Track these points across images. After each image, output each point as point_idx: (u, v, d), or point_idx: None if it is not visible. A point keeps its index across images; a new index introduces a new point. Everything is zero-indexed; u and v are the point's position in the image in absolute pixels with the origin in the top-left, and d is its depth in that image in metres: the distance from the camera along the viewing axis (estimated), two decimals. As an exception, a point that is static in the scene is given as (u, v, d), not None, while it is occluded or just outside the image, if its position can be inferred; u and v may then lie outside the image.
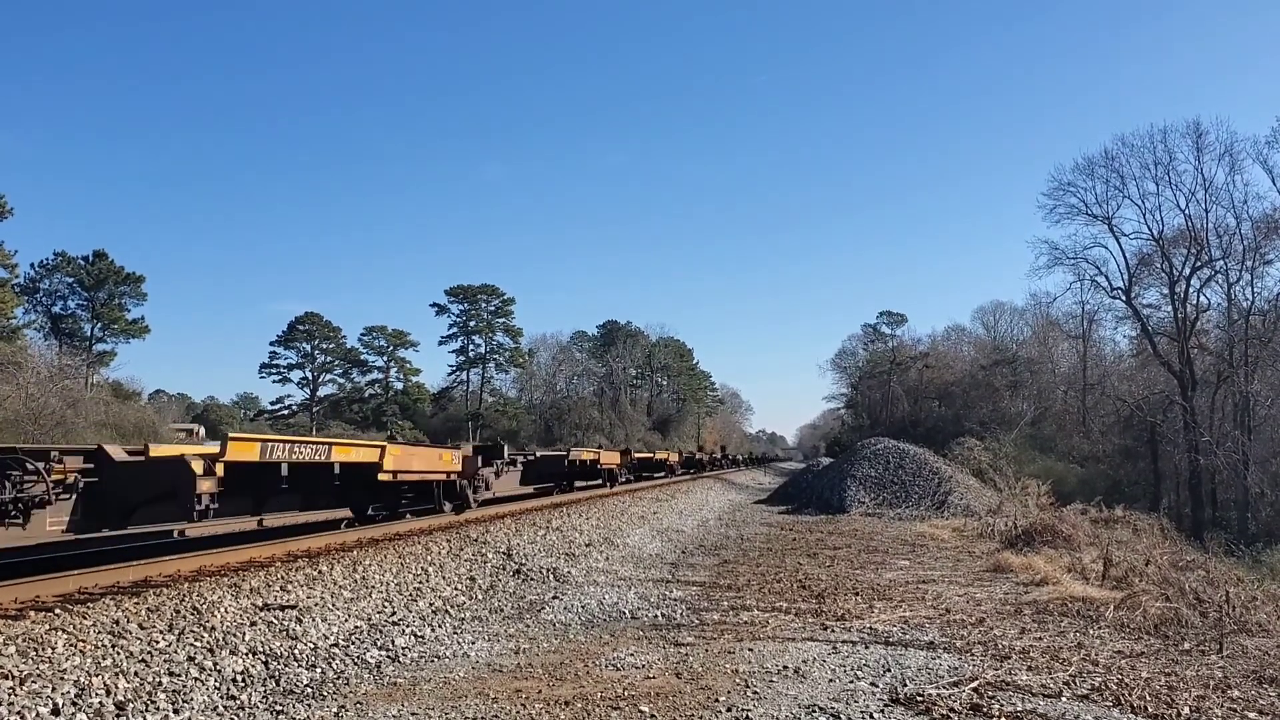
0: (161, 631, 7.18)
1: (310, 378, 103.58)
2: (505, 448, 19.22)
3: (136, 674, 6.36)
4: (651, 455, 41.61)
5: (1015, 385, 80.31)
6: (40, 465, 7.88)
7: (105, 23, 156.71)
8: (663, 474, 40.15)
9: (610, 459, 28.99)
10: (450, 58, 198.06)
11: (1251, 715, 7.09)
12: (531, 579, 12.76)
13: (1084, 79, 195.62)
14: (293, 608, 8.57)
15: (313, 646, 7.91)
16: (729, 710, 6.64)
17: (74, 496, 8.36)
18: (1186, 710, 7.04)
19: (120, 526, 9.10)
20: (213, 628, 7.53)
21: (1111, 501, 37.36)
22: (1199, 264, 60.91)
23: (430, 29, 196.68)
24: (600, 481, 28.00)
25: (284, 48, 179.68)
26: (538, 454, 23.59)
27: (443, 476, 15.51)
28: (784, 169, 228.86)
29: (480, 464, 17.25)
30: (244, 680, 6.86)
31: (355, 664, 7.75)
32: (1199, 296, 62.10)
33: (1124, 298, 65.53)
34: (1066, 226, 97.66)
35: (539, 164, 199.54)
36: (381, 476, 12.84)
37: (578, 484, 26.38)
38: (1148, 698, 7.29)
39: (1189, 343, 59.82)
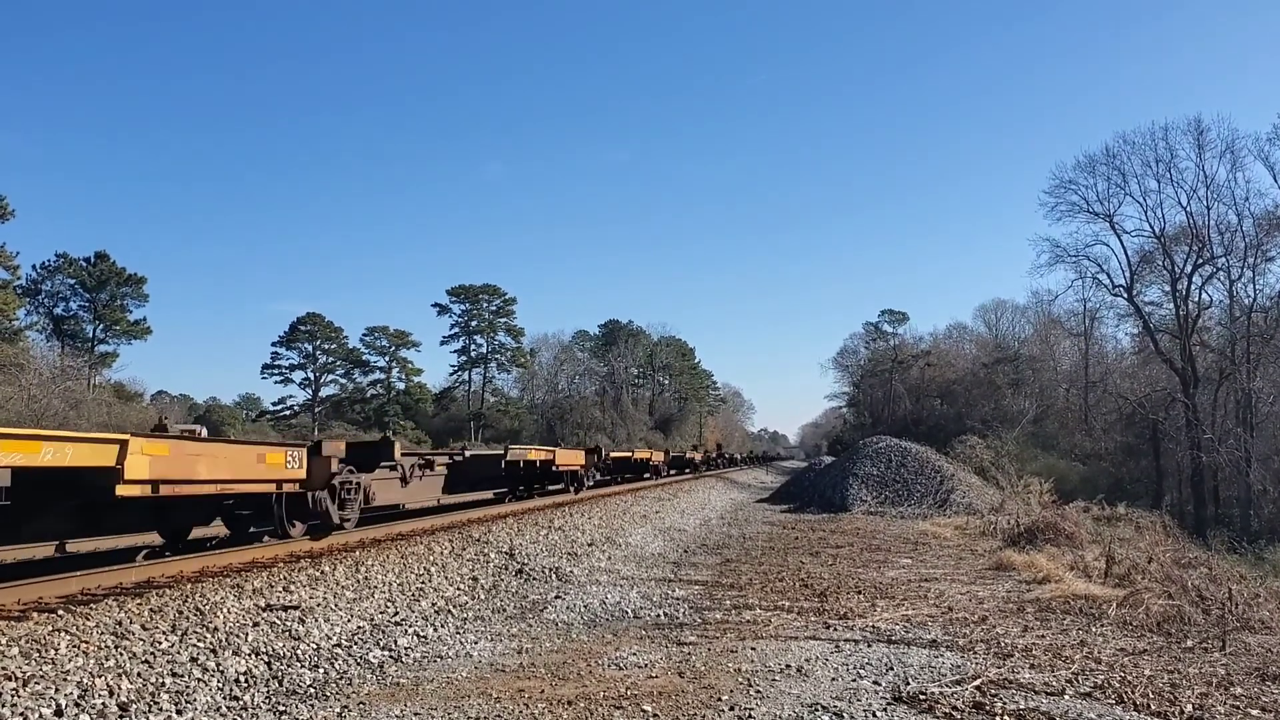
0: (164, 632, 7.19)
1: (312, 378, 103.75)
2: (396, 445, 14.20)
3: (140, 675, 6.37)
4: (630, 454, 33.01)
5: (1017, 383, 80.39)
6: None
7: (105, 23, 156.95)
8: (648, 475, 33.79)
9: (572, 459, 24.23)
10: (450, 57, 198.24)
11: (1255, 712, 7.08)
12: (534, 578, 12.76)
13: (1085, 78, 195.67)
14: (295, 608, 8.58)
15: (315, 647, 7.92)
16: (732, 709, 6.64)
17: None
18: (1190, 708, 7.04)
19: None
20: (215, 628, 7.53)
21: (1114, 499, 37.34)
22: (1201, 261, 60.94)
23: (430, 28, 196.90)
24: (562, 486, 23.47)
25: (284, 47, 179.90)
26: (467, 454, 18.31)
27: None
28: (785, 168, 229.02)
29: (349, 467, 12.64)
30: (247, 681, 6.86)
31: (358, 664, 7.75)
32: (1201, 294, 62.20)
33: (1126, 295, 65.63)
34: (1068, 224, 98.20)
35: (539, 163, 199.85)
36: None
37: (534, 488, 22.41)
38: (1151, 695, 7.29)
39: (1191, 340, 59.83)
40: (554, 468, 22.22)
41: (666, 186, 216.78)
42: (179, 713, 6.06)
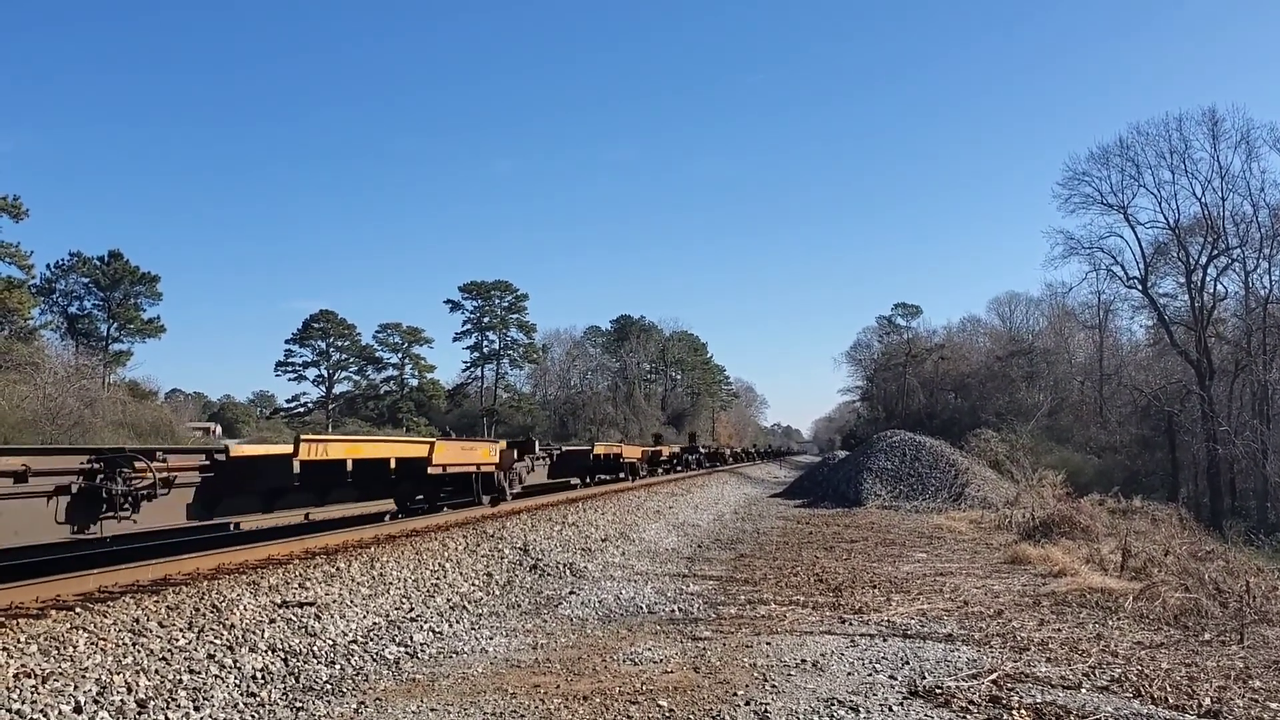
0: (181, 629, 7.22)
1: (325, 375, 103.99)
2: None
3: (157, 672, 6.40)
4: (601, 451, 27.09)
5: (1031, 376, 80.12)
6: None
7: (119, 21, 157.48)
8: (623, 475, 28.39)
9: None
10: (459, 55, 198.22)
11: (1274, 706, 7.04)
12: (548, 574, 12.78)
13: (1099, 70, 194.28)
14: (311, 605, 8.60)
15: (331, 643, 7.94)
16: (747, 704, 6.64)
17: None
18: (1207, 701, 7.00)
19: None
20: (232, 625, 7.56)
21: (1129, 492, 37.18)
22: (1216, 252, 60.59)
23: (440, 26, 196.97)
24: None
25: (296, 45, 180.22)
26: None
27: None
28: (797, 162, 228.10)
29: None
30: (264, 677, 6.89)
31: (374, 660, 7.77)
32: (1216, 285, 61.83)
33: (1140, 287, 65.25)
34: (1082, 216, 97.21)
35: (550, 159, 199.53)
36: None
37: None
38: (1168, 689, 7.26)
39: (1206, 332, 59.50)
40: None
41: (678, 182, 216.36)
42: (196, 709, 6.09)
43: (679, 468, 40.04)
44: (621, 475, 28.01)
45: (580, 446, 26.70)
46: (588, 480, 26.18)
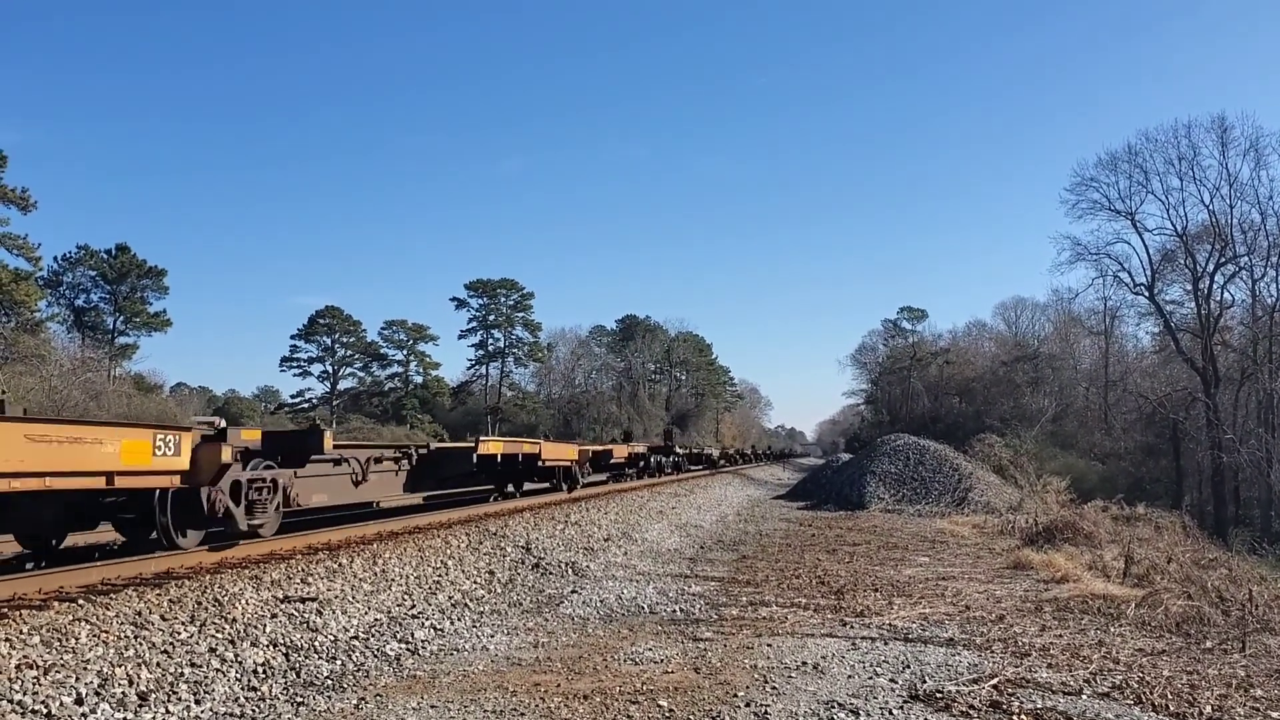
0: (183, 623, 7.23)
1: (330, 371, 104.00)
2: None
3: (159, 665, 6.41)
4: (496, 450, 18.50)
5: (1036, 381, 79.87)
6: None
7: (128, 15, 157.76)
8: (553, 484, 22.49)
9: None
10: (468, 52, 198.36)
11: (1275, 715, 7.02)
12: (550, 573, 12.78)
13: (1107, 75, 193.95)
14: (313, 600, 8.62)
15: (333, 639, 7.96)
16: (747, 705, 6.63)
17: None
18: (1209, 709, 6.99)
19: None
20: (234, 619, 7.58)
21: (1133, 499, 37.15)
22: (1223, 260, 60.37)
23: (449, 24, 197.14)
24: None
25: (305, 41, 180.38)
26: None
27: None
28: (804, 164, 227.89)
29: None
30: (265, 672, 6.90)
31: (375, 656, 7.78)
32: (1223, 293, 61.58)
33: (1147, 294, 65.01)
34: (1089, 222, 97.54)
35: (557, 158, 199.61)
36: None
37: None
38: (1169, 696, 7.24)
39: (1212, 339, 59.31)
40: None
41: (684, 182, 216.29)
42: (197, 702, 6.10)
43: (646, 473, 33.66)
44: (551, 484, 21.91)
45: (460, 445, 19.02)
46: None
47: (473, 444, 17.00)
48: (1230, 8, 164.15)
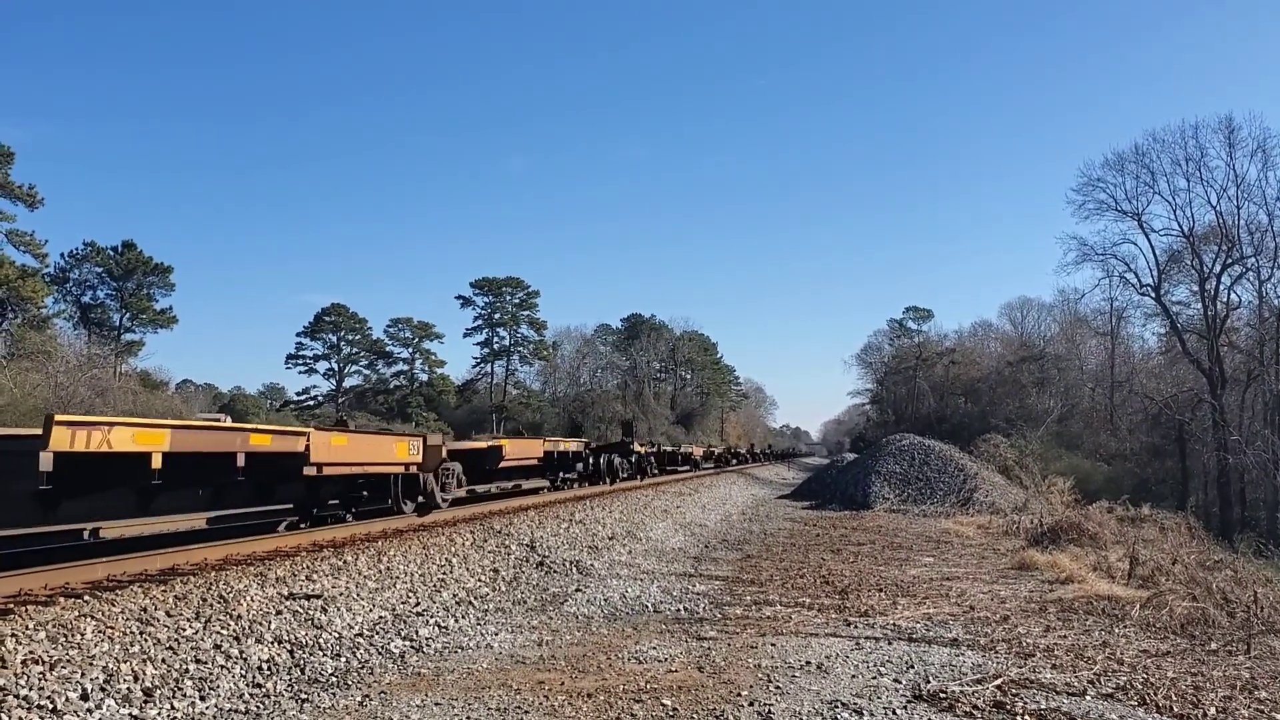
0: (189, 619, 7.25)
1: (336, 369, 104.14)
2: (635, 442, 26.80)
3: (164, 661, 6.43)
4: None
5: (1042, 382, 79.81)
6: None
7: (134, 14, 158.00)
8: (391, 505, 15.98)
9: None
10: (472, 52, 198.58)
11: (1279, 717, 7.02)
12: (554, 571, 12.79)
13: (1114, 76, 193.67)
14: (318, 597, 8.63)
15: (337, 636, 7.97)
16: (751, 704, 6.64)
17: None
18: (1213, 711, 6.98)
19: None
20: (239, 616, 7.59)
21: (1138, 500, 37.00)
22: (1230, 261, 60.17)
23: (454, 23, 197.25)
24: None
25: (310, 40, 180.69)
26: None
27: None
28: (810, 164, 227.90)
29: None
30: (269, 668, 6.92)
31: (379, 653, 7.80)
32: (1229, 294, 61.38)
33: (1153, 295, 64.82)
34: (1096, 222, 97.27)
35: (562, 157, 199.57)
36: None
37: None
38: (1173, 698, 7.23)
39: (1219, 340, 59.13)
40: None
41: (689, 181, 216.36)
42: (202, 699, 6.12)
43: (585, 480, 24.87)
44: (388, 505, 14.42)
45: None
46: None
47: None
48: (1237, 8, 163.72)
